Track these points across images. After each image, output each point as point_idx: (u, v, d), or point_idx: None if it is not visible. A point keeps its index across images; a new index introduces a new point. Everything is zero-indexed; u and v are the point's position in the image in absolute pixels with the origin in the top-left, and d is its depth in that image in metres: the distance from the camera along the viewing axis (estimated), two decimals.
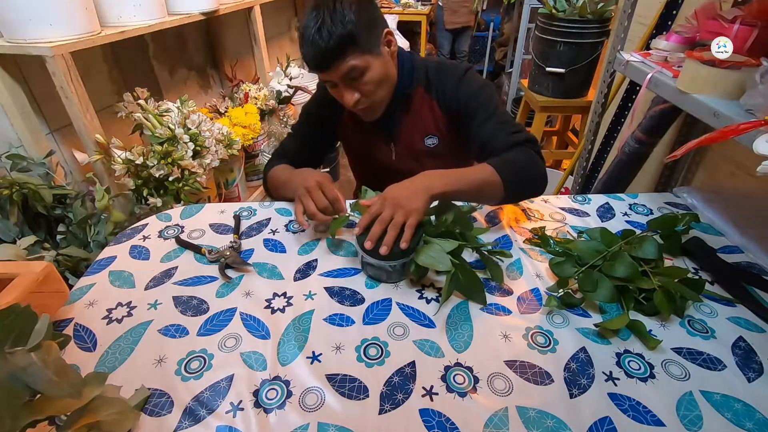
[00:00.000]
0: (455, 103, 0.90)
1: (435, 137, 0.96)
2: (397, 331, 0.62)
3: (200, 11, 1.56)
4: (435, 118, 0.94)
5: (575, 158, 1.74)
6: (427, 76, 0.92)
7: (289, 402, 0.52)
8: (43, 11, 1.05)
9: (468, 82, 0.90)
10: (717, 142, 0.71)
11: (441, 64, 0.93)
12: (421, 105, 0.93)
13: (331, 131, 1.04)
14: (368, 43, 0.78)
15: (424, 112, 0.94)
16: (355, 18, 0.74)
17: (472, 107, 0.88)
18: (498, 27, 4.40)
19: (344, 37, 0.74)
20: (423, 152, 0.97)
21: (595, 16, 1.92)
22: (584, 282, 0.65)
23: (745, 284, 0.70)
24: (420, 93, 0.93)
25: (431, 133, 0.96)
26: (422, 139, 0.96)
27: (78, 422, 0.45)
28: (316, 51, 0.75)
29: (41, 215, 1.11)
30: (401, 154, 0.99)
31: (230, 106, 1.89)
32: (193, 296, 0.68)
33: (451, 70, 0.92)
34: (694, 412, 0.51)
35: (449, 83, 0.91)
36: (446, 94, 0.91)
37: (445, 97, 0.91)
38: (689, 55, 0.88)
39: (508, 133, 0.83)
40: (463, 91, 0.89)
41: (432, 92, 0.93)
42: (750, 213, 0.87)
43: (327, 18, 0.73)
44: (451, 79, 0.91)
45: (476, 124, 0.87)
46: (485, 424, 0.49)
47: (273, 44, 2.67)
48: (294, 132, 1.04)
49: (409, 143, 0.97)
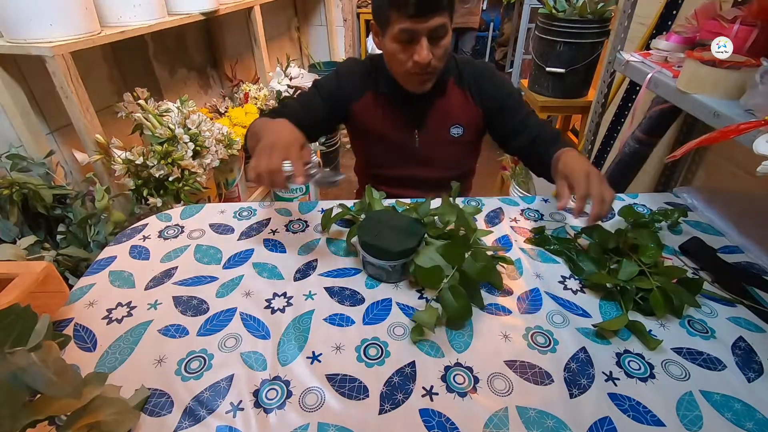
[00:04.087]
0: (491, 98, 0.96)
1: (461, 127, 0.99)
2: (397, 331, 0.62)
3: (200, 11, 1.56)
4: (466, 110, 0.98)
5: None
6: (458, 68, 0.97)
7: (289, 402, 0.52)
8: (43, 11, 1.05)
9: (501, 80, 0.97)
10: (717, 142, 0.71)
11: (469, 60, 0.99)
12: (453, 94, 0.97)
13: (339, 113, 1.01)
14: (452, 13, 0.83)
15: (455, 102, 0.97)
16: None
17: (510, 104, 0.95)
18: (498, 27, 4.41)
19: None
20: (447, 141, 1.00)
21: (595, 16, 1.92)
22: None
23: (745, 284, 0.70)
24: (451, 83, 0.96)
25: (458, 123, 0.99)
26: (448, 128, 0.99)
27: (78, 422, 0.45)
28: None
29: (41, 215, 1.11)
30: (424, 140, 1.00)
31: (230, 106, 1.90)
32: (193, 296, 0.68)
33: (480, 66, 0.98)
34: (694, 412, 0.51)
35: (485, 80, 0.96)
36: (482, 88, 0.96)
37: (481, 92, 0.97)
38: (689, 55, 0.88)
39: (550, 127, 0.94)
40: (501, 89, 0.96)
41: (464, 84, 0.97)
42: (750, 213, 0.87)
43: None
44: (484, 75, 0.97)
45: (520, 119, 0.95)
46: (485, 424, 0.49)
47: (273, 44, 2.67)
48: (299, 98, 1.01)
49: (435, 130, 0.99)
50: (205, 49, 2.07)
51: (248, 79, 2.16)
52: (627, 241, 0.72)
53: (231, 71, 2.12)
